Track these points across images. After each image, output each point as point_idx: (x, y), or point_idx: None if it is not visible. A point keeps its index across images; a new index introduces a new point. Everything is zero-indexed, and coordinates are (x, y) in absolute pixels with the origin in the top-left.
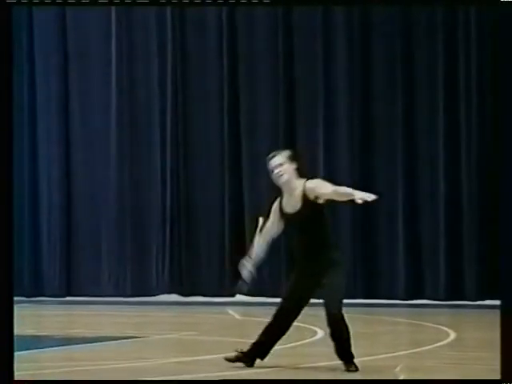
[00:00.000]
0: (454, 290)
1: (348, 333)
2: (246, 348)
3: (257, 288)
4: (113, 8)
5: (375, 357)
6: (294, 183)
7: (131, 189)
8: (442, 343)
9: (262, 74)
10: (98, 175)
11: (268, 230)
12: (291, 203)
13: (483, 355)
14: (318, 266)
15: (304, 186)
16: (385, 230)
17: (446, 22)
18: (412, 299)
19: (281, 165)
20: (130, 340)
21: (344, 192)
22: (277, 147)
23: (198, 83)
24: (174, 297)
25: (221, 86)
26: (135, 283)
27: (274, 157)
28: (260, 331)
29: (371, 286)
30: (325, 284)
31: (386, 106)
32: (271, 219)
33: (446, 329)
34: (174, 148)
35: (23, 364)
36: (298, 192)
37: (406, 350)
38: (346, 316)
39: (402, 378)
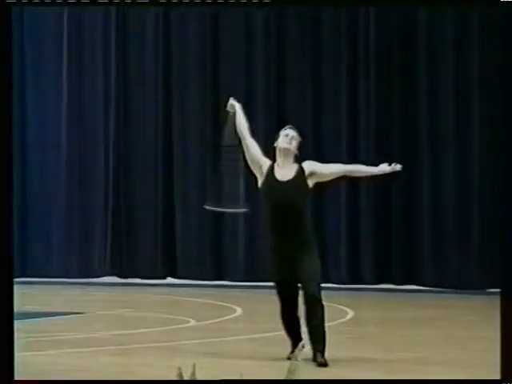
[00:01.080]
0: (354, 275)
1: (323, 319)
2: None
3: (185, 271)
4: (65, 9)
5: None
6: (293, 156)
7: (79, 185)
8: (342, 320)
9: (194, 76)
10: (51, 173)
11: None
12: (284, 172)
13: (377, 331)
14: (296, 244)
15: (302, 163)
16: None
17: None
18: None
19: (293, 137)
20: (76, 315)
21: (359, 169)
22: (205, 149)
23: (137, 86)
24: (115, 278)
25: (156, 89)
26: (81, 266)
27: (289, 128)
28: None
29: None
30: (303, 264)
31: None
32: (258, 151)
33: (345, 308)
34: (115, 148)
35: None
36: (295, 165)
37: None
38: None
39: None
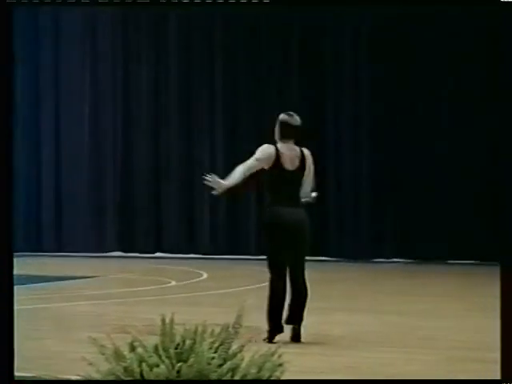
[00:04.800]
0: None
1: (306, 294)
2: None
3: (130, 245)
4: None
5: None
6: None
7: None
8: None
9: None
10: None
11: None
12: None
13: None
14: (300, 220)
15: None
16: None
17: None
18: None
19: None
20: (94, 278)
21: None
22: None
23: (66, 85)
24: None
25: (83, 89)
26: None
27: (295, 115)
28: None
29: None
30: (299, 242)
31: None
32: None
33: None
34: (50, 147)
35: None
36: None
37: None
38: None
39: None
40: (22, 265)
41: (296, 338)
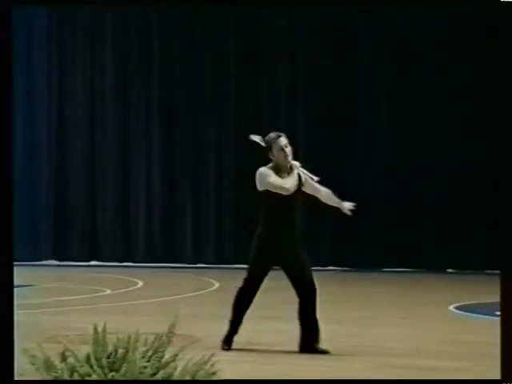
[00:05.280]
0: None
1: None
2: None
3: (64, 254)
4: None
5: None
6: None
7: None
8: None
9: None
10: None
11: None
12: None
13: None
14: (293, 242)
15: (298, 169)
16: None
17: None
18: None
19: (288, 145)
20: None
21: (333, 198)
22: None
23: (23, 86)
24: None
25: (49, 92)
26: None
27: (282, 136)
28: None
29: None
30: (302, 259)
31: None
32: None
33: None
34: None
35: None
36: (295, 173)
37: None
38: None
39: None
40: None
41: (322, 351)
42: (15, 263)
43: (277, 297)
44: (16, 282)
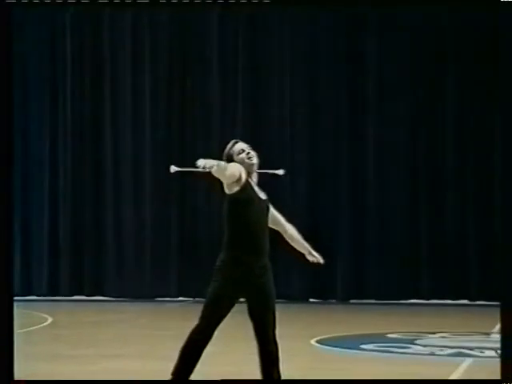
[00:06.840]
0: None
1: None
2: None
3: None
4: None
5: None
6: None
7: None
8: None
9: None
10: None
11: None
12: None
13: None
14: (263, 265)
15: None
16: None
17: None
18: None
19: (250, 149)
20: None
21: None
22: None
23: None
24: None
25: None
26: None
27: (239, 142)
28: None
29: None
30: (267, 288)
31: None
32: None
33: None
34: None
35: None
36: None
37: None
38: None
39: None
40: None
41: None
42: None
43: (110, 333)
44: None
